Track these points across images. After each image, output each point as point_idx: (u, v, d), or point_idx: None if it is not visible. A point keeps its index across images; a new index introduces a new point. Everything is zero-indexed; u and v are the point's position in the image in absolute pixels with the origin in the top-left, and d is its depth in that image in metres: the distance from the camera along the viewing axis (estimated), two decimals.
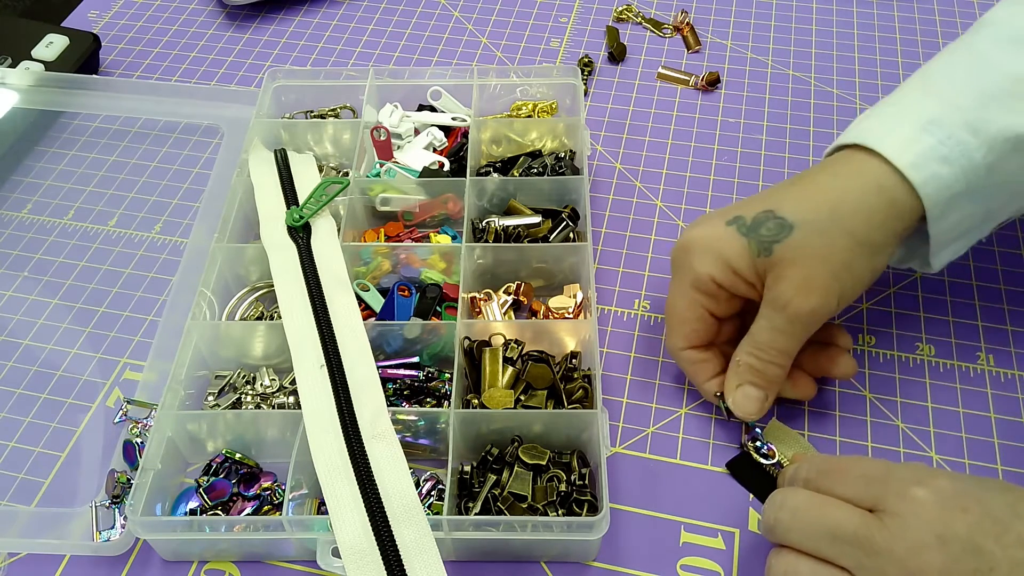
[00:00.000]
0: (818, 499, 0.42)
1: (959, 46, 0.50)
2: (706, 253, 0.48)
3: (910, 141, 0.46)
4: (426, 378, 0.53)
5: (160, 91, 0.71)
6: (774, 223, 0.47)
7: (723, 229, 0.48)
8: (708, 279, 0.49)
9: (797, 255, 0.46)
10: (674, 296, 0.51)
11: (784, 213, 0.47)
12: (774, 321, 0.48)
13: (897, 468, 0.41)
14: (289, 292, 0.54)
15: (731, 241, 0.48)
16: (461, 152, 0.64)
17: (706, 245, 0.49)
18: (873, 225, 0.46)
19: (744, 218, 0.48)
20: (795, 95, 0.74)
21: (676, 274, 0.51)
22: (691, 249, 0.49)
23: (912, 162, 0.45)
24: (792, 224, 0.46)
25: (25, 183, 0.69)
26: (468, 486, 0.48)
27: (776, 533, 0.42)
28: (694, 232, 0.50)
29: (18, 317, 0.60)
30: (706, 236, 0.49)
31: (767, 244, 0.47)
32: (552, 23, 0.81)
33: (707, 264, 0.48)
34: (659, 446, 0.52)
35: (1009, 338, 0.57)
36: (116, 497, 0.48)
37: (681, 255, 0.50)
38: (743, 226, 0.48)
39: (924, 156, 0.45)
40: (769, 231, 0.47)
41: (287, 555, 0.48)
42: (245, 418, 0.51)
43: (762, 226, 0.47)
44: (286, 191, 0.60)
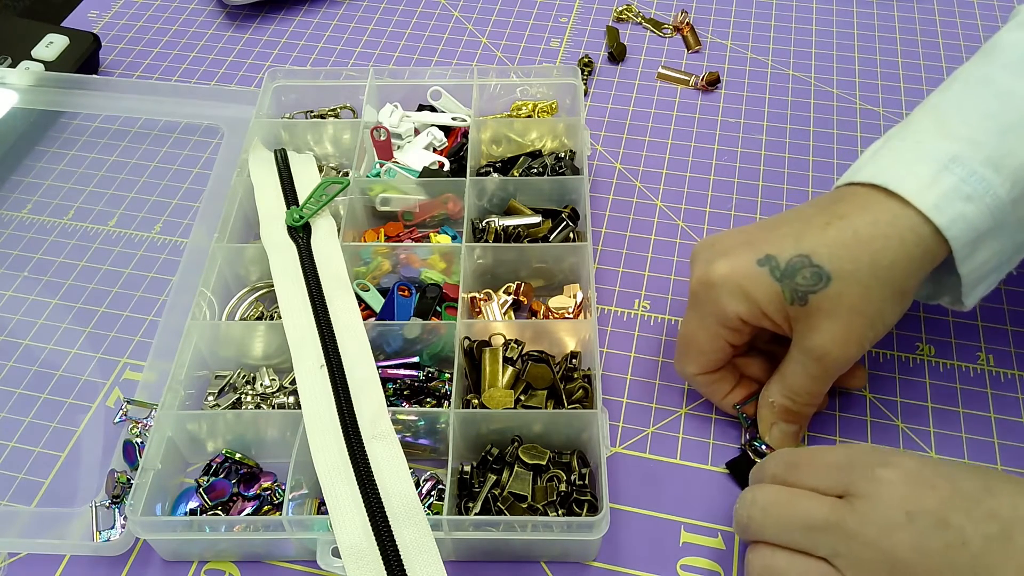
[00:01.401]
0: (787, 492, 0.42)
1: (970, 75, 0.49)
2: (735, 292, 0.46)
3: (931, 182, 0.44)
4: (426, 378, 0.53)
5: (160, 91, 0.71)
6: (811, 272, 0.45)
7: (754, 269, 0.46)
8: (735, 317, 0.47)
9: (834, 307, 0.45)
10: (694, 328, 0.49)
11: (821, 261, 0.44)
12: (809, 369, 0.47)
13: (862, 452, 0.42)
14: (289, 292, 0.54)
15: (763, 284, 0.46)
16: (461, 152, 0.64)
17: (736, 284, 0.46)
18: (909, 274, 0.45)
19: (777, 260, 0.45)
20: (795, 95, 0.74)
21: (699, 307, 0.48)
22: (719, 286, 0.47)
23: (935, 204, 0.43)
24: (830, 275, 0.44)
25: (25, 183, 0.69)
26: (468, 486, 0.48)
27: (750, 530, 0.43)
28: (721, 268, 0.47)
29: (18, 317, 0.60)
30: (735, 275, 0.46)
31: (802, 294, 0.45)
32: (552, 23, 0.81)
33: (735, 304, 0.46)
34: (659, 446, 0.52)
35: (1009, 338, 0.57)
36: (116, 497, 0.48)
37: (707, 290, 0.47)
38: (776, 269, 0.45)
39: (947, 197, 0.43)
40: (805, 280, 0.45)
41: (287, 555, 0.48)
42: (245, 418, 0.51)
43: (797, 273, 0.45)
44: (286, 191, 0.60)
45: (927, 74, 0.75)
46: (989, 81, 0.47)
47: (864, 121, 0.71)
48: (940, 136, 0.46)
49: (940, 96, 0.49)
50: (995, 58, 0.48)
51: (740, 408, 0.51)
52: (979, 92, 0.47)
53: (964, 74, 0.49)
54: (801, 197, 0.65)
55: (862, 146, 0.69)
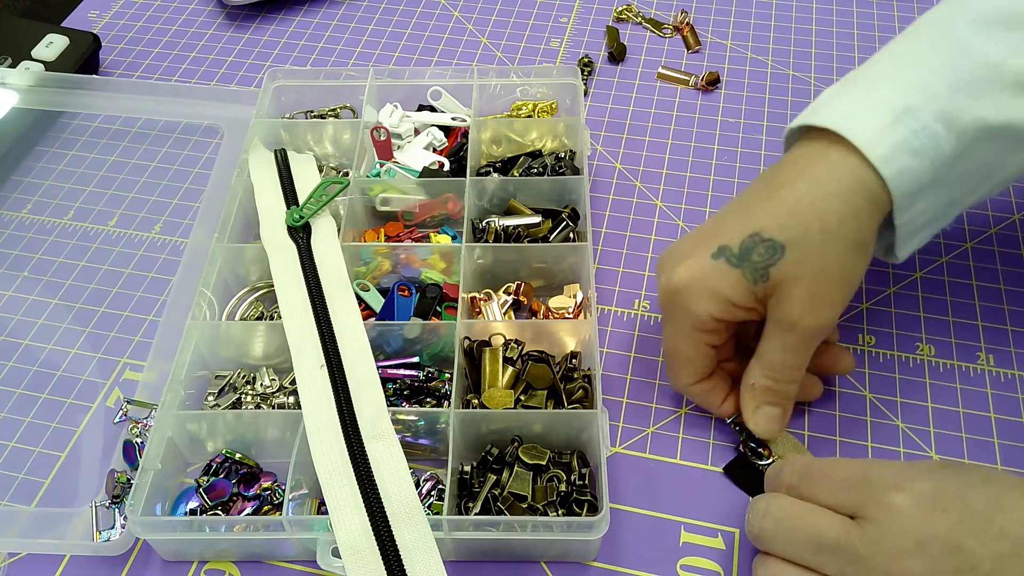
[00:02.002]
0: (800, 507, 0.42)
1: (934, 25, 0.48)
2: (700, 293, 0.46)
3: (884, 132, 0.44)
4: (426, 378, 0.53)
5: (160, 91, 0.71)
6: (764, 247, 0.45)
7: (711, 264, 0.46)
8: (708, 318, 0.47)
9: (796, 273, 0.45)
10: (674, 339, 0.49)
11: (771, 234, 0.45)
12: (785, 340, 0.46)
13: (876, 471, 0.41)
14: (289, 292, 0.54)
15: (724, 276, 0.46)
16: (461, 152, 0.64)
17: (699, 285, 0.46)
18: (862, 226, 0.45)
19: (730, 248, 0.46)
20: (795, 95, 0.74)
21: (671, 317, 0.48)
22: (683, 291, 0.47)
23: (884, 156, 0.43)
24: (783, 244, 0.44)
25: (25, 183, 0.69)
26: (468, 486, 0.48)
27: (761, 541, 0.43)
28: (681, 273, 0.47)
29: (18, 317, 0.60)
30: (696, 276, 0.46)
31: (762, 270, 0.45)
32: (552, 23, 0.81)
33: (704, 304, 0.46)
34: (659, 446, 0.52)
35: (1009, 338, 0.57)
36: (116, 497, 0.48)
37: (674, 298, 0.48)
38: (732, 256, 0.46)
39: (896, 149, 0.43)
40: (761, 256, 0.45)
41: (287, 555, 0.48)
42: (245, 418, 0.51)
43: (752, 252, 0.45)
44: (286, 191, 0.60)
45: None
46: (950, 33, 0.46)
47: None
48: (897, 83, 0.45)
49: (900, 43, 0.49)
50: (961, 11, 0.47)
51: (733, 422, 0.51)
52: (941, 42, 0.46)
53: (928, 23, 0.48)
54: None
55: None
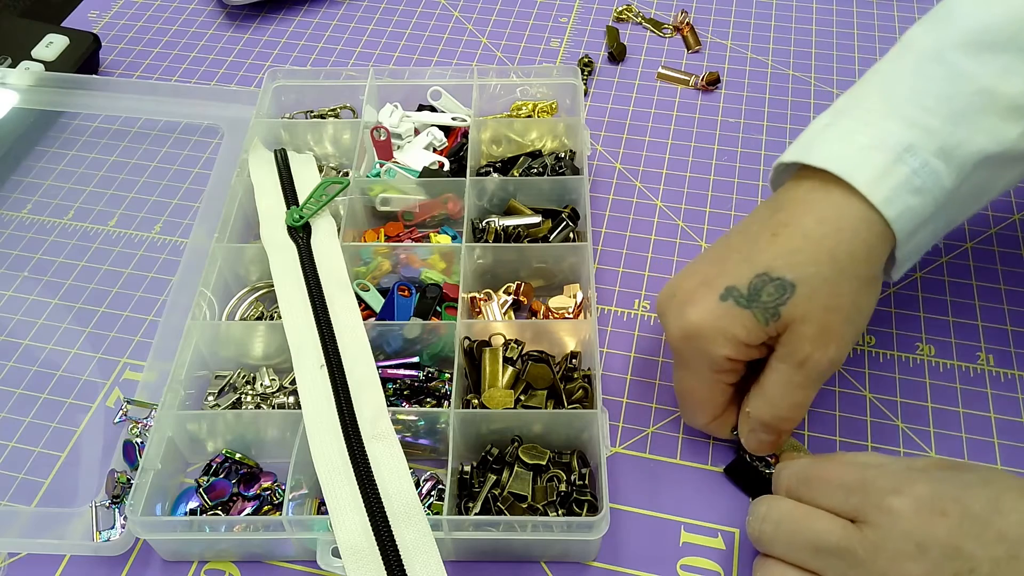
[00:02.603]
0: (800, 510, 0.42)
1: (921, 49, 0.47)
2: (715, 338, 0.45)
3: (885, 173, 0.43)
4: (426, 378, 0.53)
5: (160, 91, 0.71)
6: (773, 286, 0.44)
7: (721, 307, 0.45)
8: (723, 360, 0.46)
9: (807, 310, 0.44)
10: (690, 382, 0.48)
11: (780, 272, 0.44)
12: (791, 377, 0.45)
13: (876, 474, 0.41)
14: (289, 292, 0.54)
15: (734, 317, 0.45)
16: (461, 152, 0.64)
17: (712, 329, 0.45)
18: (871, 261, 0.44)
19: (738, 288, 0.45)
20: (795, 95, 0.74)
21: (686, 362, 0.48)
22: (696, 336, 0.46)
23: (887, 197, 0.43)
24: (793, 282, 0.44)
25: (25, 183, 0.69)
26: (468, 486, 0.48)
27: (761, 544, 0.43)
28: (692, 317, 0.46)
29: (18, 317, 0.60)
30: (707, 320, 0.45)
31: (772, 309, 0.44)
32: (552, 23, 0.81)
33: (719, 347, 0.45)
34: (659, 446, 0.52)
35: (1009, 338, 0.57)
36: (116, 497, 0.48)
37: (687, 343, 0.46)
38: (741, 298, 0.45)
39: (898, 190, 0.43)
40: (771, 296, 0.44)
41: (287, 555, 0.48)
42: (245, 418, 0.51)
43: (761, 292, 0.44)
44: (286, 191, 0.60)
45: None
46: (942, 59, 0.45)
47: None
48: (893, 117, 0.45)
49: (890, 68, 0.47)
50: (948, 32, 0.46)
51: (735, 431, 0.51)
52: (932, 71, 0.45)
53: (914, 45, 0.47)
54: None
55: None
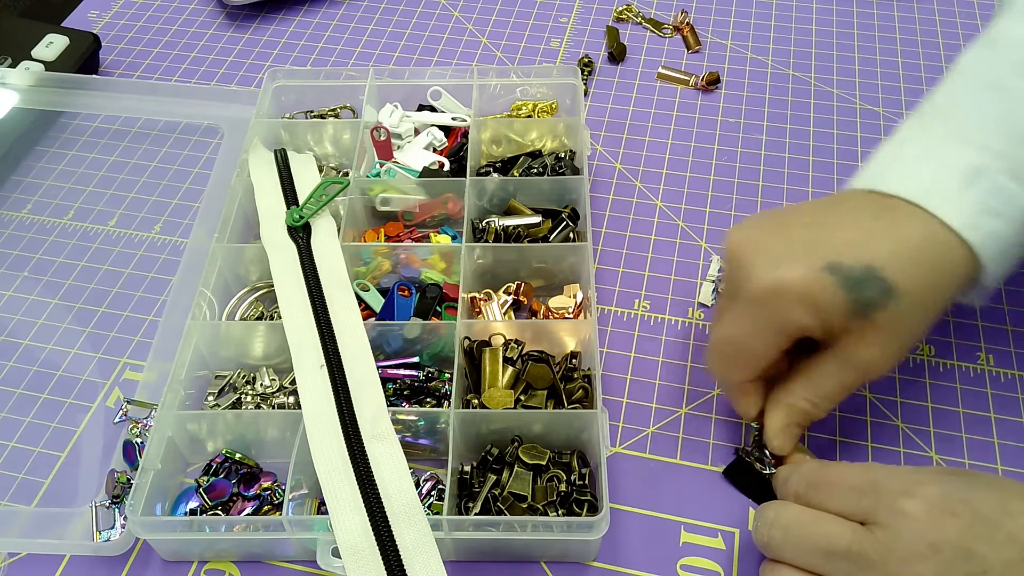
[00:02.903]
0: (809, 515, 0.42)
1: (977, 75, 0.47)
2: (802, 302, 0.43)
3: (958, 198, 0.43)
4: (426, 378, 0.53)
5: (160, 91, 0.71)
6: (878, 287, 0.43)
7: (823, 278, 0.43)
8: (797, 327, 0.44)
9: (890, 323, 0.43)
10: (749, 334, 0.46)
11: (889, 275, 0.43)
12: (846, 377, 0.45)
13: (885, 477, 0.41)
14: (289, 292, 0.54)
15: (831, 294, 0.43)
16: (461, 152, 0.64)
17: (804, 293, 0.43)
18: (953, 294, 0.45)
19: (844, 268, 0.43)
20: (795, 95, 0.74)
21: (758, 314, 0.45)
22: (786, 294, 0.44)
23: (970, 222, 0.43)
24: (897, 292, 0.43)
25: (25, 183, 0.69)
26: (468, 486, 0.48)
27: (770, 549, 0.43)
28: (790, 274, 0.44)
29: (18, 317, 0.60)
30: (805, 283, 0.43)
31: (868, 308, 0.43)
32: (552, 23, 0.81)
33: (801, 313, 0.44)
34: (659, 446, 0.52)
35: (1009, 338, 0.57)
36: (116, 497, 0.48)
37: (773, 298, 0.44)
38: (846, 280, 0.43)
39: (977, 213, 0.43)
40: (871, 294, 0.43)
41: (287, 555, 0.48)
42: (245, 418, 0.51)
43: (864, 286, 0.43)
44: (286, 191, 0.60)
45: (927, 74, 0.75)
46: (1000, 85, 0.46)
47: (864, 121, 0.71)
48: (958, 143, 0.45)
49: (949, 97, 0.48)
50: (1002, 56, 0.47)
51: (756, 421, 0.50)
52: (991, 97, 0.46)
53: (970, 72, 0.48)
54: (801, 197, 0.65)
55: (862, 146, 0.69)
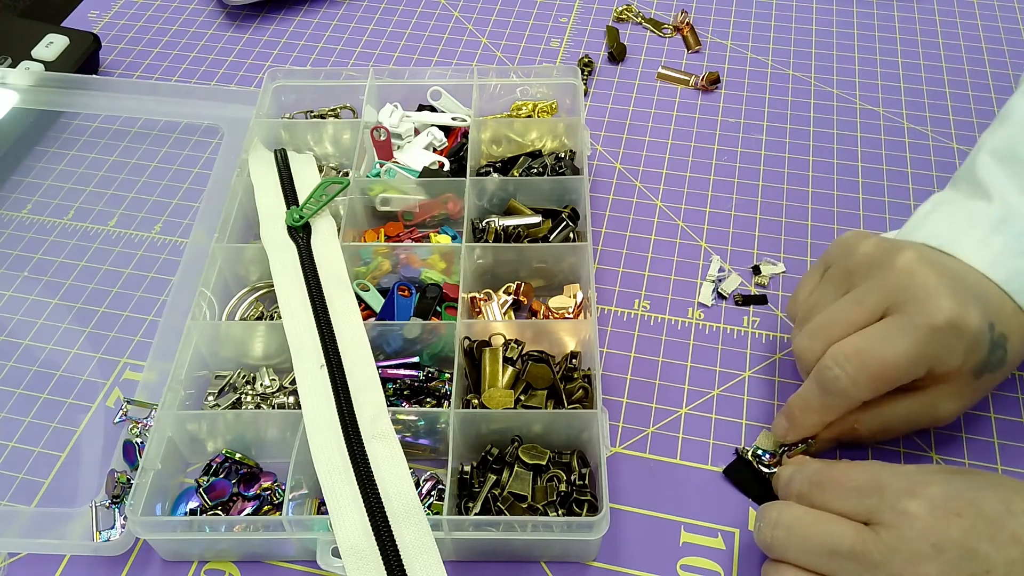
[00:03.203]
0: (812, 515, 0.42)
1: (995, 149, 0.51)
2: (968, 349, 0.44)
3: (983, 242, 0.47)
4: (426, 378, 0.53)
5: (160, 91, 0.71)
6: (1001, 353, 0.46)
7: (985, 333, 0.44)
8: (950, 369, 0.45)
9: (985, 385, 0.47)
10: (907, 361, 0.44)
11: (1008, 346, 0.46)
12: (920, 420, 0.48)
13: (888, 477, 0.41)
14: (289, 292, 0.54)
15: (980, 351, 0.45)
16: (461, 152, 0.64)
17: (975, 342, 0.44)
18: None
19: (995, 331, 0.45)
20: (795, 95, 0.74)
21: (930, 345, 0.44)
22: (964, 337, 0.44)
23: (992, 261, 0.46)
24: (1008, 362, 0.46)
25: (25, 183, 0.69)
26: (468, 486, 0.48)
27: (773, 550, 0.43)
28: (972, 318, 0.43)
29: (18, 317, 0.60)
30: (979, 332, 0.44)
31: (987, 367, 0.46)
32: (552, 23, 0.81)
33: (961, 359, 0.44)
34: (659, 446, 0.52)
35: None
36: (116, 497, 0.48)
37: (953, 334, 0.43)
38: (991, 342, 0.45)
39: (1001, 254, 0.46)
40: (996, 359, 0.46)
41: (287, 555, 0.48)
42: (245, 418, 0.51)
43: (996, 351, 0.45)
44: (286, 191, 0.60)
45: (927, 74, 0.75)
46: (1012, 155, 0.50)
47: (864, 121, 0.71)
48: (984, 202, 0.49)
49: (972, 167, 0.51)
50: (1012, 129, 0.51)
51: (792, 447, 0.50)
52: (1010, 168, 0.49)
53: (988, 145, 0.52)
54: (801, 197, 0.65)
55: (862, 146, 0.69)
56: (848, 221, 0.64)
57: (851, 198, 0.65)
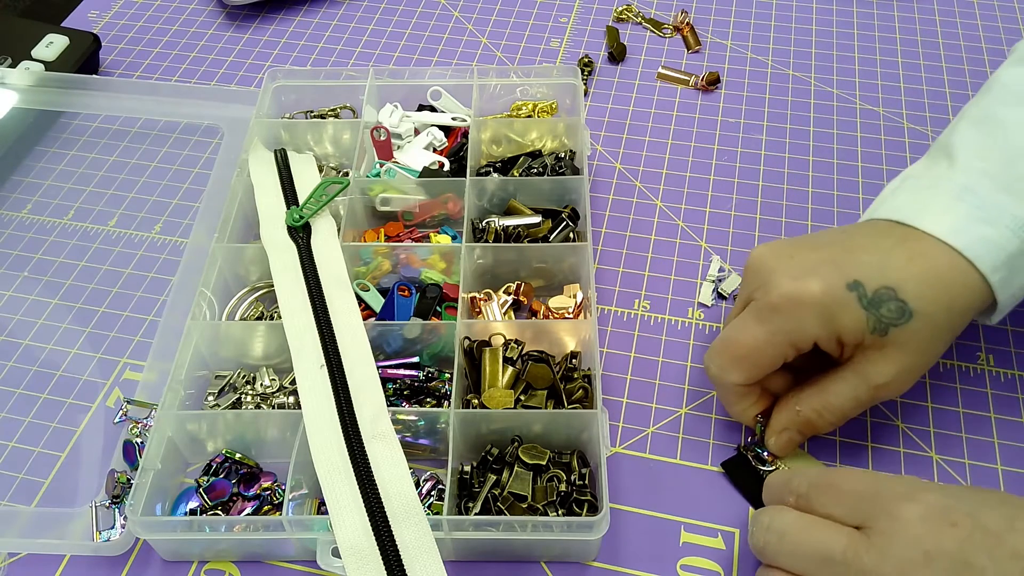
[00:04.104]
0: (805, 520, 0.41)
1: (972, 115, 0.50)
2: (821, 315, 0.45)
3: (944, 211, 0.46)
4: (426, 378, 0.53)
5: (160, 91, 0.71)
6: (896, 306, 0.45)
7: (843, 294, 0.45)
8: (811, 340, 0.46)
9: (908, 342, 0.45)
10: (761, 341, 0.47)
11: (907, 297, 0.44)
12: (859, 393, 0.47)
13: (888, 483, 0.41)
14: (289, 292, 0.54)
15: (850, 311, 0.45)
16: (461, 152, 0.64)
17: (824, 307, 0.45)
18: (968, 319, 0.47)
19: (864, 287, 0.45)
20: (795, 95, 0.74)
21: (774, 322, 0.46)
22: (807, 306, 0.45)
23: (952, 228, 0.45)
24: (913, 312, 0.44)
25: (25, 183, 0.69)
26: (468, 486, 0.48)
27: (765, 555, 0.43)
28: (813, 287, 0.45)
29: (18, 317, 0.60)
30: (826, 298, 0.45)
31: (885, 326, 0.45)
32: (552, 23, 0.81)
33: (818, 328, 0.45)
34: (659, 446, 0.52)
35: (1009, 338, 0.57)
36: (116, 497, 0.48)
37: (792, 308, 0.46)
38: (864, 297, 0.45)
39: (963, 221, 0.45)
40: (890, 313, 0.45)
41: (287, 555, 0.48)
42: (245, 418, 0.51)
43: (883, 305, 0.45)
44: (286, 191, 0.60)
45: (927, 74, 0.75)
46: (989, 118, 0.49)
47: (864, 121, 0.71)
48: (953, 172, 0.48)
49: (948, 136, 0.51)
50: (995, 96, 0.51)
51: (760, 420, 0.51)
52: (982, 129, 0.49)
53: (968, 113, 0.51)
54: (801, 197, 0.65)
55: (862, 146, 0.69)
56: (848, 221, 0.64)
57: (851, 198, 0.65)
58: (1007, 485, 0.50)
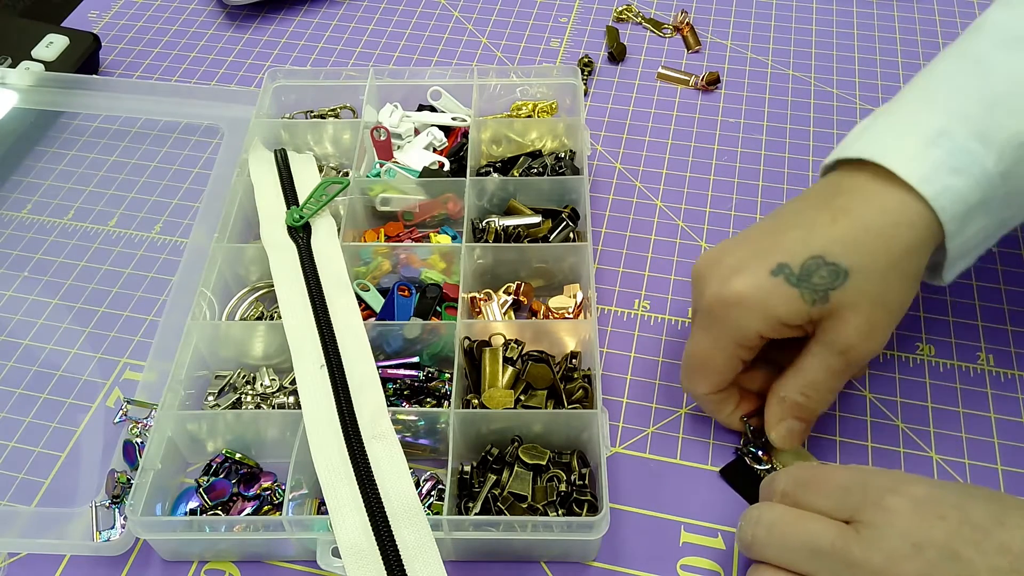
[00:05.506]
0: (793, 514, 0.41)
1: (957, 51, 0.48)
2: (754, 310, 0.45)
3: (917, 155, 0.44)
4: (426, 378, 0.53)
5: (160, 91, 0.71)
6: (827, 270, 0.44)
7: (769, 281, 0.45)
8: (755, 335, 0.46)
9: (856, 300, 0.44)
10: (707, 348, 0.48)
11: (836, 258, 0.44)
12: (831, 363, 0.46)
13: (875, 476, 0.41)
14: (289, 292, 0.54)
15: (781, 294, 0.45)
16: (461, 152, 0.64)
17: (755, 301, 0.45)
18: (920, 258, 0.45)
19: (790, 266, 0.45)
20: (795, 95, 0.74)
21: (714, 327, 0.47)
22: (736, 304, 0.45)
23: (923, 176, 0.43)
24: (847, 270, 0.44)
25: (25, 183, 0.69)
26: (468, 486, 0.48)
27: (753, 550, 0.42)
28: (737, 285, 0.45)
29: (18, 317, 0.60)
30: (752, 291, 0.45)
31: (822, 292, 0.44)
32: (552, 23, 0.81)
33: (756, 321, 0.45)
34: (659, 446, 0.52)
35: (1009, 338, 0.57)
36: (116, 497, 0.48)
37: (724, 310, 0.46)
38: (791, 276, 0.44)
39: (934, 169, 0.43)
40: (823, 279, 0.44)
41: (287, 555, 0.48)
42: (245, 418, 0.51)
43: (813, 275, 0.44)
44: (286, 191, 0.60)
45: None
46: (975, 57, 0.47)
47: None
48: (928, 110, 0.46)
49: (927, 73, 0.49)
50: (982, 36, 0.48)
51: (747, 420, 0.51)
52: (965, 67, 0.47)
53: (951, 52, 0.49)
54: None
55: None
56: None
57: None
58: (1007, 485, 0.50)
